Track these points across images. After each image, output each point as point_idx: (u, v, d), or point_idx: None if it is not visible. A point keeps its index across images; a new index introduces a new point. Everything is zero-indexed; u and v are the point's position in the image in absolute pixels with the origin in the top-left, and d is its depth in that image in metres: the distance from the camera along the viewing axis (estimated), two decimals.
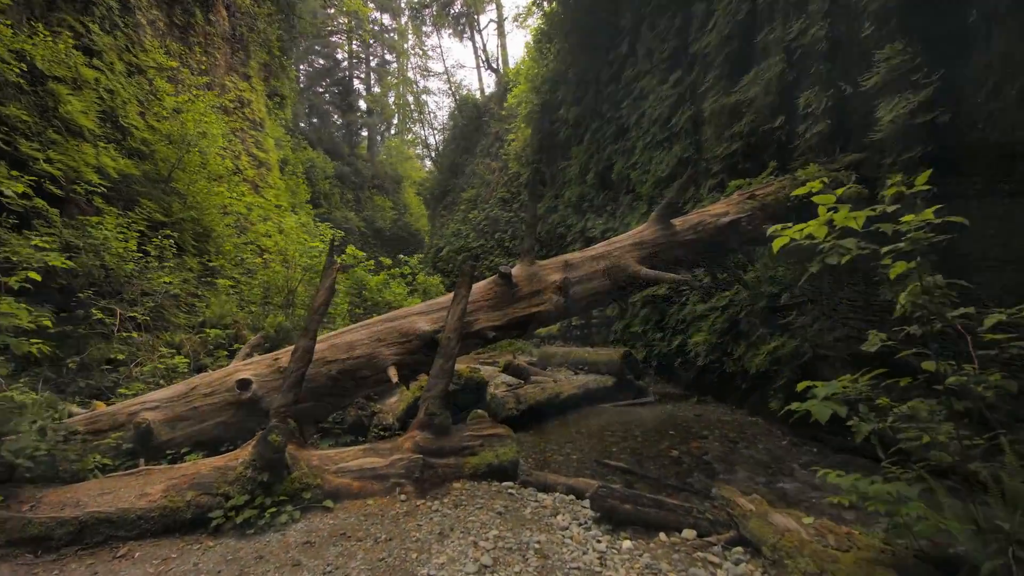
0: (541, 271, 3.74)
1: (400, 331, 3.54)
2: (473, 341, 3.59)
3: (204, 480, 2.56)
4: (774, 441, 5.07)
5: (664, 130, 9.81)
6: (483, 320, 3.60)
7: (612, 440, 5.15)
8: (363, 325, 3.61)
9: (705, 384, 7.42)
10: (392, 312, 3.70)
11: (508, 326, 3.63)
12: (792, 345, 5.31)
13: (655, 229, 4.00)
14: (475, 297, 3.66)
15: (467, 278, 3.49)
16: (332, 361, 3.42)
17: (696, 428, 5.56)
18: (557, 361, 9.86)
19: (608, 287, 3.77)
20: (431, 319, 3.59)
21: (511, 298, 3.63)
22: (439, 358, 3.34)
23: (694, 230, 4.05)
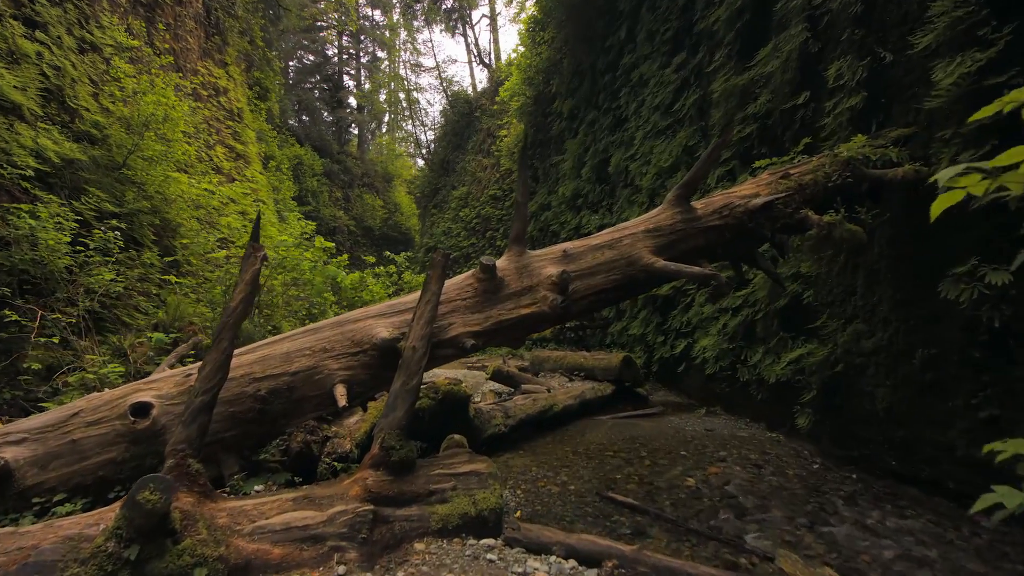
0: (534, 263, 2.99)
1: (352, 339, 2.77)
2: (446, 351, 2.82)
3: (43, 559, 1.78)
4: (803, 464, 4.35)
5: (666, 117, 9.10)
6: (459, 325, 2.84)
7: (615, 463, 4.41)
8: (306, 331, 2.84)
9: (713, 393, 6.70)
10: (345, 314, 2.93)
11: (492, 332, 2.87)
12: (822, 353, 4.59)
13: (672, 213, 3.26)
14: (450, 295, 2.90)
15: (438, 270, 2.72)
16: (261, 378, 2.64)
17: (711, 447, 4.83)
18: (550, 366, 9.12)
19: (616, 283, 3.03)
20: (393, 323, 2.82)
21: (496, 297, 2.88)
22: (400, 374, 2.57)
23: (719, 214, 3.31)
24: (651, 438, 5.24)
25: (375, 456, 2.47)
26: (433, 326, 2.74)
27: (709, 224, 3.35)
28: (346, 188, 39.32)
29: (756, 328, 5.85)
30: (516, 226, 3.11)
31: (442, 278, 2.75)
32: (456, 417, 4.47)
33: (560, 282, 2.92)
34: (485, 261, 2.92)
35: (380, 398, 3.50)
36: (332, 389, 2.63)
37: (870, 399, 4.29)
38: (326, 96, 43.04)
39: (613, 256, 3.15)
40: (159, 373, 2.92)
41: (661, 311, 8.48)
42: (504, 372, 7.48)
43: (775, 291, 5.46)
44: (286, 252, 7.15)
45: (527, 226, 3.15)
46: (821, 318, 4.82)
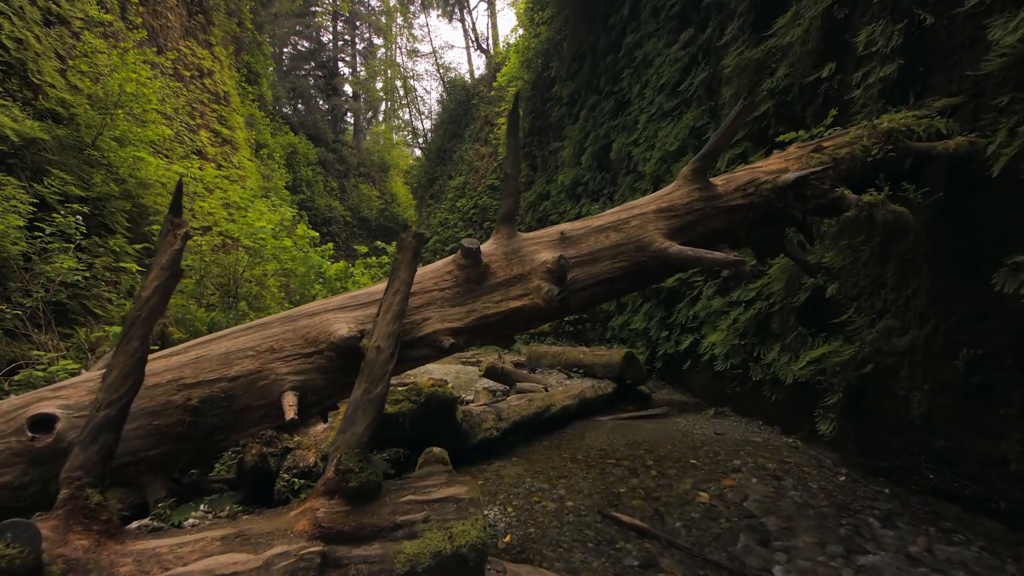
0: (525, 247, 2.51)
1: (306, 336, 2.29)
2: (420, 352, 2.35)
3: None
4: (827, 476, 3.90)
5: (672, 98, 8.58)
6: (436, 320, 2.36)
7: (618, 473, 3.96)
8: (250, 328, 2.36)
9: (722, 392, 6.25)
10: (298, 308, 2.44)
11: (475, 328, 2.40)
12: (849, 351, 4.12)
13: (688, 190, 2.78)
14: (425, 285, 2.42)
15: (408, 254, 2.24)
16: (192, 384, 2.16)
17: (723, 455, 4.38)
18: (548, 362, 8.67)
19: (622, 271, 2.56)
20: (356, 318, 2.34)
21: (480, 287, 2.40)
22: (362, 381, 2.10)
23: (743, 192, 2.84)
24: (657, 443, 4.79)
25: (329, 481, 2.01)
26: (403, 322, 2.27)
27: (731, 203, 2.86)
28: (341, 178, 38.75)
29: (771, 323, 5.39)
30: (505, 203, 2.62)
31: (413, 264, 2.27)
32: (442, 421, 4.01)
33: (556, 270, 2.44)
34: (467, 244, 2.44)
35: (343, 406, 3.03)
36: (280, 397, 2.17)
37: (904, 404, 3.84)
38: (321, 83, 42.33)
39: (619, 239, 2.67)
40: (80, 377, 2.45)
41: (665, 304, 8.01)
42: (498, 369, 7.03)
43: (793, 283, 4.99)
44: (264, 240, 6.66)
45: (518, 203, 2.67)
46: (847, 313, 4.35)
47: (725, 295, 6.33)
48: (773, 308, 5.24)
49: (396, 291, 2.20)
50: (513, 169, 2.58)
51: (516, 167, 2.57)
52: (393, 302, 2.19)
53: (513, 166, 2.58)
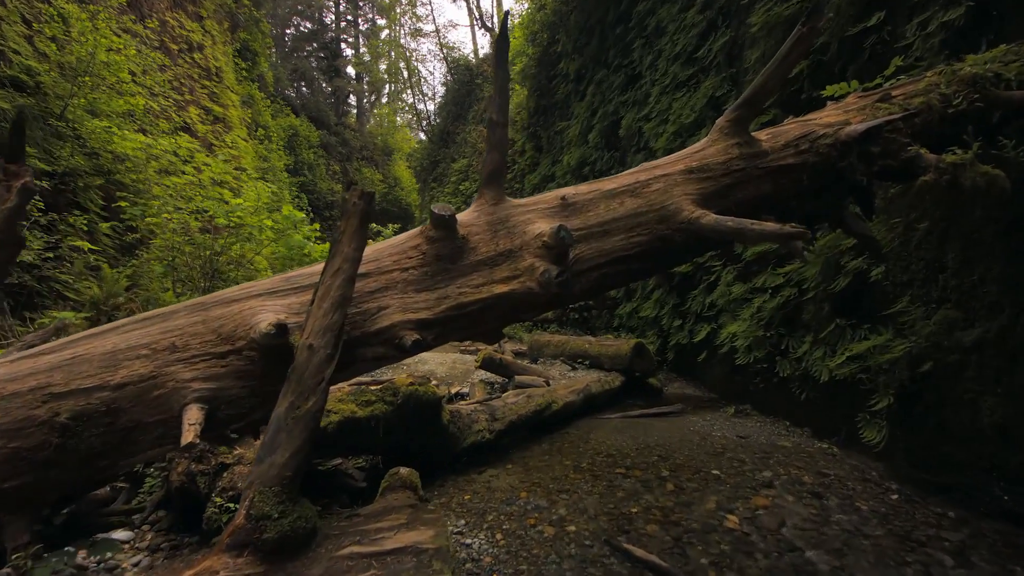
0: (516, 216, 1.94)
1: (220, 330, 1.73)
2: (374, 351, 1.79)
3: None
4: (876, 493, 3.33)
5: (688, 66, 7.88)
6: (396, 309, 1.79)
7: (628, 487, 3.40)
8: (149, 318, 1.80)
9: (743, 389, 5.67)
10: (215, 293, 1.87)
11: (449, 320, 1.83)
12: (902, 347, 3.51)
13: (726, 146, 2.19)
14: (383, 264, 1.85)
15: (354, 220, 1.67)
16: (63, 394, 1.61)
17: (749, 464, 3.81)
18: (551, 352, 8.11)
19: (641, 247, 1.98)
20: (289, 306, 1.78)
21: (456, 267, 1.82)
22: (288, 392, 1.54)
23: (795, 149, 2.24)
24: (672, 447, 4.23)
25: (237, 531, 1.46)
26: (349, 311, 1.70)
27: (780, 163, 2.25)
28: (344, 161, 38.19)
29: (802, 312, 4.78)
30: (490, 158, 2.03)
31: (361, 234, 1.69)
32: (424, 425, 3.46)
33: (555, 244, 1.86)
34: (438, 210, 1.86)
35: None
36: (181, 411, 1.61)
37: (971, 410, 3.24)
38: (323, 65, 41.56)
39: (637, 207, 2.08)
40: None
41: (678, 291, 7.40)
42: (496, 360, 6.47)
43: (831, 267, 4.37)
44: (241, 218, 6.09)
45: (506, 160, 2.07)
46: (899, 302, 3.73)
47: (747, 281, 5.71)
48: (806, 295, 4.62)
49: (337, 271, 1.62)
50: (500, 114, 1.98)
51: (504, 111, 1.97)
52: (332, 285, 1.61)
53: (500, 110, 1.98)
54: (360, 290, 1.81)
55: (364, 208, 1.68)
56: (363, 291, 1.82)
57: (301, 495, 1.55)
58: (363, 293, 1.82)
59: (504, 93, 2.00)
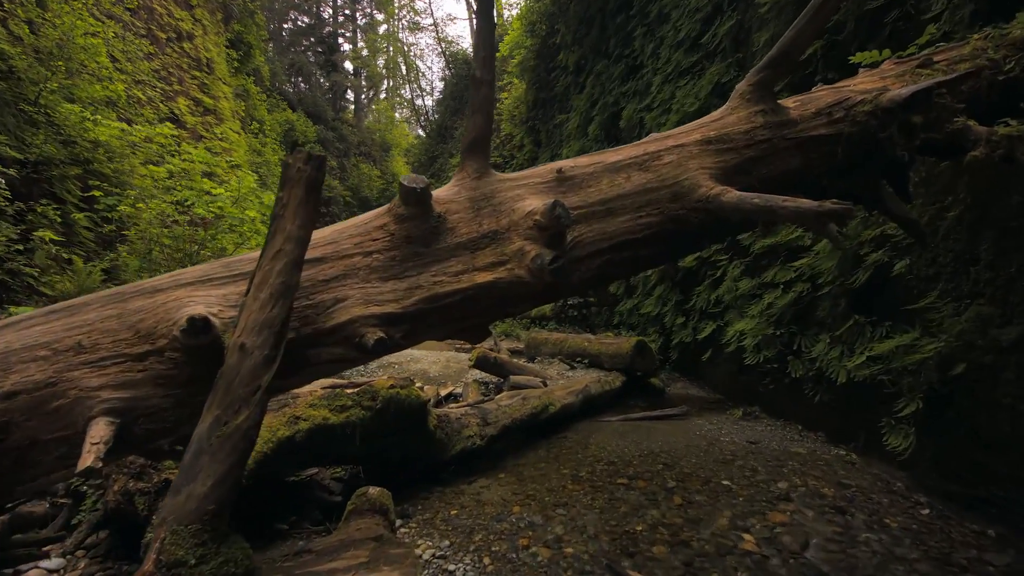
0: (503, 191, 1.63)
1: (139, 327, 1.42)
2: (329, 351, 1.49)
3: None
4: (904, 508, 3.03)
5: (692, 53, 7.56)
6: (356, 301, 1.48)
7: (632, 500, 3.10)
8: (53, 311, 1.50)
9: (750, 389, 5.36)
10: (136, 283, 1.55)
11: (421, 314, 1.52)
12: (932, 347, 3.21)
13: (748, 113, 1.90)
14: (341, 248, 1.54)
15: (298, 192, 1.37)
16: None
17: (762, 472, 3.51)
18: (548, 350, 7.81)
19: (651, 230, 1.68)
20: (226, 297, 1.47)
21: (429, 250, 1.51)
22: (212, 405, 1.25)
23: (828, 117, 1.94)
24: (677, 454, 3.93)
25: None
26: (299, 303, 1.39)
27: (811, 133, 1.94)
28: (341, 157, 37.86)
29: (816, 309, 4.47)
30: (473, 123, 1.72)
31: (309, 208, 1.38)
32: (407, 432, 3.15)
33: (550, 224, 1.55)
34: (408, 181, 1.55)
35: None
36: (86, 426, 1.30)
37: (1008, 415, 2.94)
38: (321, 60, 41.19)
39: (646, 182, 1.77)
40: None
41: (682, 287, 7.10)
42: (491, 359, 6.16)
43: (848, 260, 4.06)
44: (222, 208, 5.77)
45: (492, 125, 1.76)
46: (927, 297, 3.42)
47: (755, 276, 5.40)
48: (821, 291, 4.31)
49: (278, 253, 1.31)
50: (484, 70, 1.67)
51: (489, 67, 1.66)
52: (272, 271, 1.30)
53: (484, 65, 1.67)
54: (312, 278, 1.50)
55: (312, 176, 1.36)
56: (316, 279, 1.51)
57: (231, 530, 1.24)
58: (316, 282, 1.51)
59: (489, 46, 1.69)
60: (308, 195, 1.38)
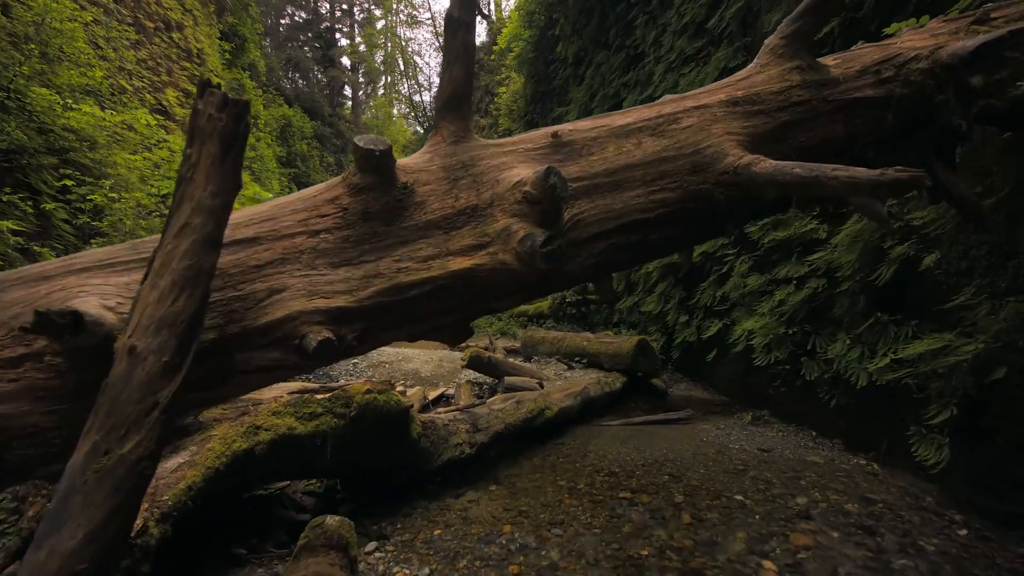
0: (485, 158, 1.32)
1: (11, 323, 1.12)
2: (262, 356, 1.18)
3: None
4: (939, 527, 2.73)
5: (697, 39, 7.24)
6: (299, 291, 1.17)
7: (636, 518, 2.80)
8: None
9: (759, 392, 5.06)
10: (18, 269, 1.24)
11: (380, 309, 1.20)
12: (969, 349, 2.90)
13: (781, 71, 1.59)
14: (281, 225, 1.23)
15: (211, 148, 1.05)
16: None
17: (778, 484, 3.21)
18: (546, 349, 7.50)
19: (666, 208, 1.35)
20: (128, 285, 1.14)
21: (392, 229, 1.20)
22: (91, 429, 0.93)
23: (875, 76, 1.65)
24: (684, 463, 3.63)
25: None
26: (224, 294, 1.09)
27: (856, 95, 1.64)
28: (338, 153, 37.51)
29: (833, 307, 4.17)
30: (449, 76, 1.40)
31: (227, 170, 1.07)
32: (387, 441, 2.84)
33: (542, 196, 1.24)
34: (364, 143, 1.23)
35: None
36: None
37: None
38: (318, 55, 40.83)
39: (661, 150, 1.47)
40: None
41: (685, 283, 6.79)
42: (485, 359, 5.85)
43: (870, 253, 3.76)
44: None
45: (473, 79, 1.45)
46: (961, 293, 3.12)
47: (765, 271, 5.09)
48: (840, 287, 4.00)
49: (183, 228, 1.02)
50: (463, 9, 1.35)
51: (469, 6, 1.34)
52: (176, 253, 1.00)
53: (463, 4, 1.35)
54: (241, 263, 1.20)
55: (230, 128, 1.04)
56: (246, 265, 1.21)
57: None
58: (246, 268, 1.20)
59: None
60: (225, 152, 1.06)
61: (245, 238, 1.24)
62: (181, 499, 1.97)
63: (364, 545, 2.46)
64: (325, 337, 1.15)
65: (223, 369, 1.17)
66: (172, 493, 1.96)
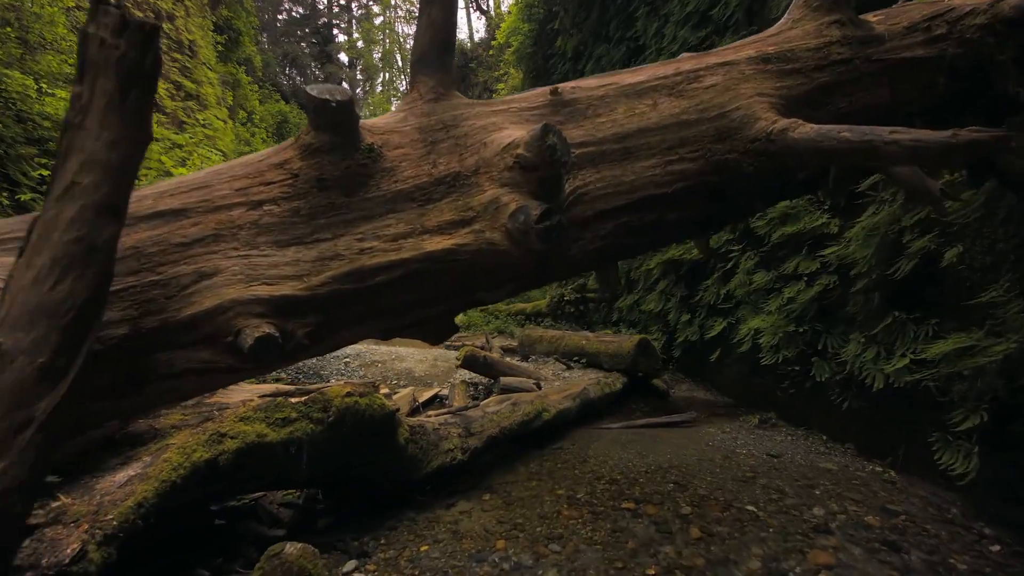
0: (470, 117, 1.08)
1: None
2: (191, 356, 0.95)
3: None
4: (966, 540, 2.52)
5: (701, 27, 7.03)
6: (235, 275, 0.94)
7: (640, 533, 2.58)
8: None
9: (766, 393, 4.85)
10: None
11: (338, 300, 0.97)
12: (1000, 349, 2.68)
13: (818, 25, 1.36)
14: (216, 194, 1.01)
15: (107, 77, 0.81)
16: None
17: (791, 494, 3.00)
18: (543, 349, 7.28)
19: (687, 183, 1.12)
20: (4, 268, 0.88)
21: (355, 200, 0.93)
22: None
23: (925, 33, 1.42)
24: (689, 470, 3.41)
25: None
26: (140, 278, 0.86)
27: (903, 55, 1.41)
28: None
29: (846, 304, 3.95)
30: (427, 22, 1.17)
31: (129, 114, 0.83)
32: (370, 448, 2.61)
33: (538, 161, 1.01)
34: (319, 92, 0.99)
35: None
36: None
37: None
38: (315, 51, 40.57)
39: (679, 112, 1.24)
40: None
41: (687, 281, 6.57)
42: (480, 358, 5.62)
43: (888, 247, 3.54)
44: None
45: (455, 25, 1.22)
46: (989, 290, 2.90)
47: (772, 268, 4.88)
48: (856, 284, 3.78)
49: (69, 190, 0.80)
50: None
51: None
52: (57, 221, 0.76)
53: None
54: (162, 240, 0.96)
55: (132, 59, 0.80)
56: (169, 242, 0.97)
57: None
58: (169, 246, 0.97)
59: None
60: (125, 91, 0.81)
61: (169, 210, 1.01)
62: (129, 517, 1.74)
63: (343, 564, 2.24)
64: (264, 333, 0.92)
65: (139, 373, 0.94)
66: (118, 511, 1.72)
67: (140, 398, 1.02)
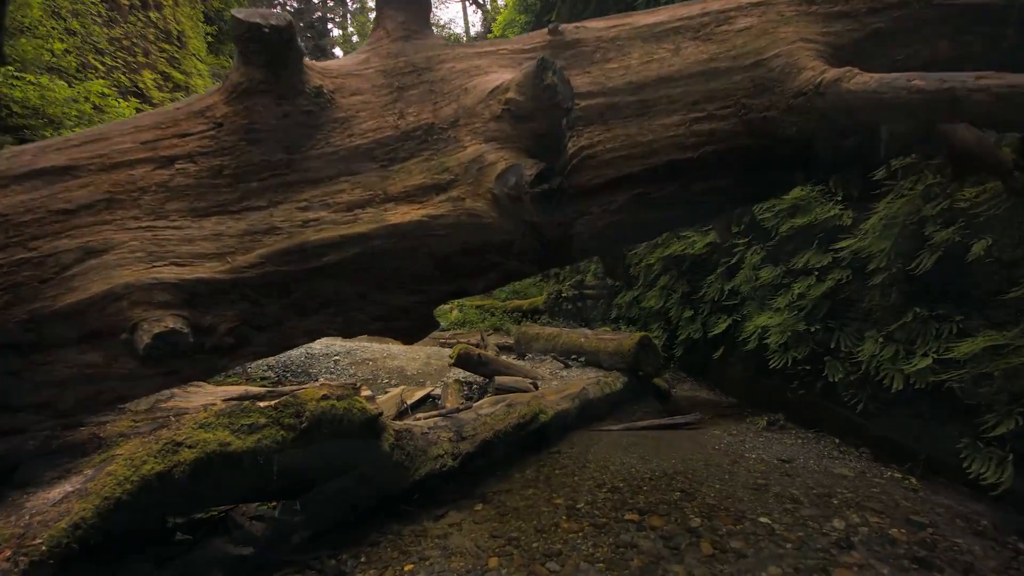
0: (447, 59, 0.84)
1: None
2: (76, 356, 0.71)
3: None
4: (1003, 556, 2.32)
5: None
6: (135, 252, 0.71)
7: (646, 547, 2.37)
8: None
9: (773, 394, 4.64)
10: None
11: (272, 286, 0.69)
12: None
13: None
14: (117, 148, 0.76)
15: None
16: None
17: (807, 504, 2.79)
18: (540, 346, 7.06)
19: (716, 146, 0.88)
20: None
21: (297, 158, 0.67)
22: None
23: None
24: (696, 476, 3.20)
25: None
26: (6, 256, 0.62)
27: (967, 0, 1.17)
28: None
29: (861, 300, 3.74)
30: None
31: None
32: (350, 455, 2.38)
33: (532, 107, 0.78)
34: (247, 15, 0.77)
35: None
36: None
37: None
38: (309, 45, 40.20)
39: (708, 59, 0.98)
40: None
41: (690, 276, 6.35)
42: (474, 357, 5.39)
43: (907, 239, 3.33)
44: None
45: None
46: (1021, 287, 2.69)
47: (780, 262, 4.66)
48: (873, 279, 3.57)
49: None
50: None
51: None
52: None
53: None
54: (36, 207, 0.73)
55: None
56: (47, 209, 0.74)
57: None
58: (47, 214, 0.73)
59: None
60: None
61: (52, 167, 0.77)
62: (62, 541, 1.51)
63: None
64: (167, 329, 0.69)
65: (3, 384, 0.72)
66: (49, 534, 1.49)
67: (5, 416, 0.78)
